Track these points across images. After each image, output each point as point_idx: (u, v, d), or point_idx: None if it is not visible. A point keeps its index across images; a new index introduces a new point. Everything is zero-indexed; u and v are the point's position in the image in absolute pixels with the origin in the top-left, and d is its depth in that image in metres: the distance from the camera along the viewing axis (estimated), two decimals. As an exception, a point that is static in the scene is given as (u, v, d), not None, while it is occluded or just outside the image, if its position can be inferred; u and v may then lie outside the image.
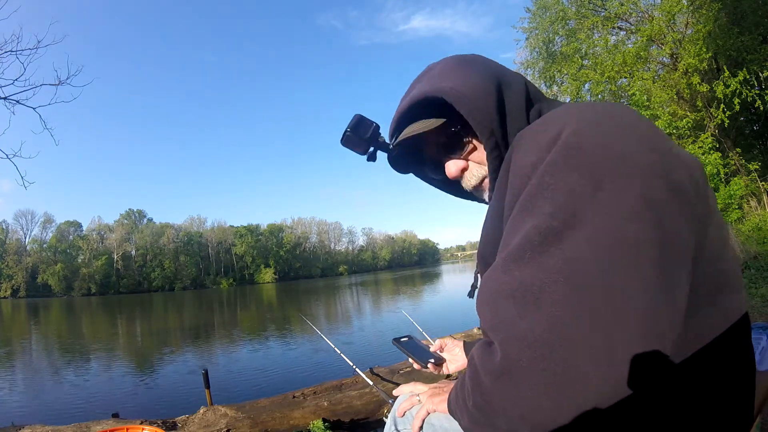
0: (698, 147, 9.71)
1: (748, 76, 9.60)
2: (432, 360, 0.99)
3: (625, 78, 10.86)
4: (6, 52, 6.59)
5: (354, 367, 3.23)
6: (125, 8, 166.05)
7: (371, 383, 2.95)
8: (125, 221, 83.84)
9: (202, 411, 3.40)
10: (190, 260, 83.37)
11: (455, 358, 1.03)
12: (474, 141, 0.72)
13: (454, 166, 0.74)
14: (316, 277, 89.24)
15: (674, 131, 9.42)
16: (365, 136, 0.79)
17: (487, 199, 0.75)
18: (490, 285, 0.52)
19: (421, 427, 0.78)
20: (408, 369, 4.12)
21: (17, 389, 7.59)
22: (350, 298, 27.87)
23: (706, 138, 9.99)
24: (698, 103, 11.09)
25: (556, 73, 13.08)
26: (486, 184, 0.74)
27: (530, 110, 0.69)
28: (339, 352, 3.44)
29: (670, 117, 10.27)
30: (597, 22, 11.93)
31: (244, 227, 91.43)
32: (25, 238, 77.81)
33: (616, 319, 0.42)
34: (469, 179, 0.75)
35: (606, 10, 12.10)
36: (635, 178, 0.45)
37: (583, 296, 0.43)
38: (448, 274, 49.18)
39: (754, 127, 13.41)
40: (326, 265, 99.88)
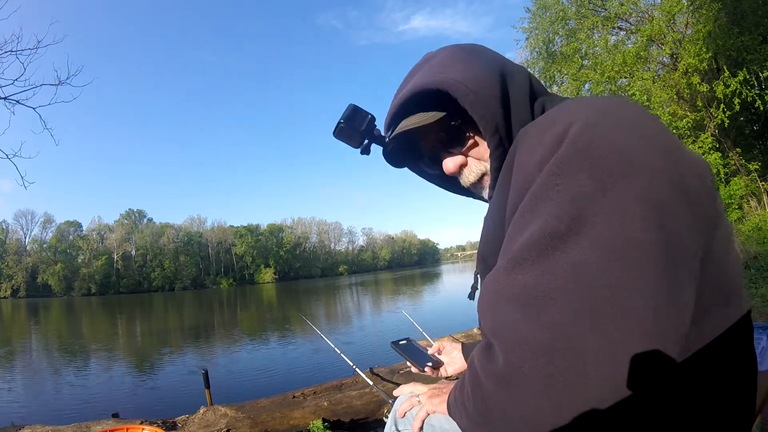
0: (698, 147, 9.71)
1: (748, 76, 9.59)
2: (429, 363, 0.99)
3: (625, 78, 10.85)
4: (6, 52, 6.60)
5: (354, 367, 3.23)
6: (125, 8, 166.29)
7: (371, 383, 2.95)
8: (125, 221, 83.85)
9: (202, 411, 3.40)
10: (190, 260, 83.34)
11: (453, 361, 1.03)
12: (475, 136, 0.69)
13: (452, 162, 0.71)
14: (316, 277, 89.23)
15: (674, 131, 9.42)
16: (360, 128, 0.74)
17: (486, 196, 0.73)
18: (492, 287, 0.50)
19: (421, 428, 0.78)
20: (408, 369, 4.10)
21: (17, 389, 7.60)
22: (350, 298, 27.86)
23: (706, 138, 9.99)
24: (698, 103, 11.08)
25: (556, 73, 13.07)
26: (486, 181, 0.71)
27: (534, 104, 0.66)
28: (339, 352, 3.44)
29: (670, 117, 10.28)
30: (597, 22, 11.93)
31: (244, 227, 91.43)
32: (25, 238, 77.96)
33: (620, 327, 0.41)
34: (468, 176, 0.72)
35: (606, 10, 12.09)
36: (644, 181, 0.44)
37: (588, 303, 0.42)
38: (448, 274, 49.17)
39: (754, 127, 13.39)
40: (326, 265, 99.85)
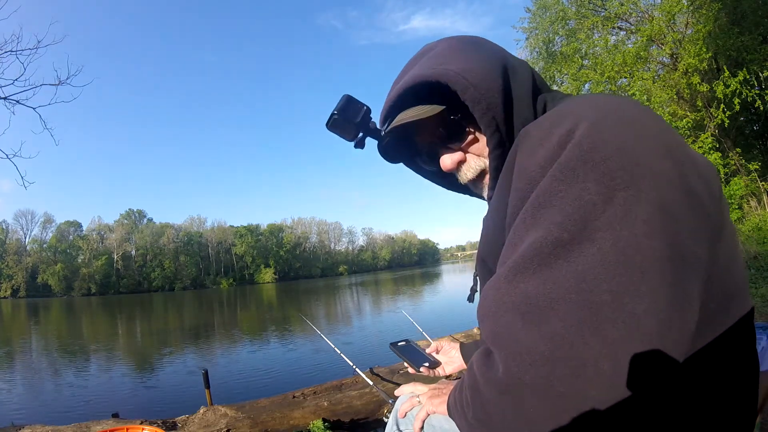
0: (698, 147, 9.70)
1: (748, 76, 9.59)
2: (426, 364, 0.99)
3: (625, 78, 10.85)
4: (6, 52, 6.60)
5: (354, 367, 3.23)
6: (125, 8, 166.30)
7: (371, 383, 2.95)
8: (125, 221, 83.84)
9: (202, 411, 3.40)
10: (190, 260, 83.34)
11: (452, 360, 1.03)
12: (475, 132, 0.66)
13: (450, 158, 0.68)
14: (316, 277, 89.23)
15: (674, 131, 9.41)
16: (355, 120, 0.70)
17: (485, 195, 0.71)
18: (492, 295, 0.49)
19: (421, 428, 0.78)
20: (407, 369, 4.11)
21: (17, 389, 7.59)
22: (350, 298, 27.85)
23: (706, 138, 9.99)
24: (698, 103, 11.08)
25: (556, 73, 13.06)
26: (485, 178, 0.68)
27: (536, 101, 0.64)
28: (339, 352, 3.44)
29: (670, 117, 10.28)
30: (597, 22, 11.92)
31: (244, 227, 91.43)
32: (25, 238, 77.96)
33: (624, 340, 0.40)
34: (466, 172, 0.69)
35: (606, 10, 12.09)
36: (651, 189, 0.43)
37: (592, 315, 0.41)
38: (448, 275, 49.14)
39: (754, 127, 13.39)
40: (326, 265, 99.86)
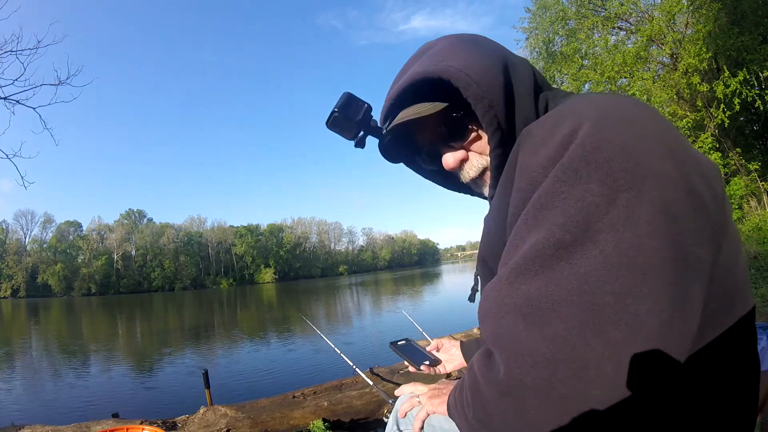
0: (698, 147, 9.72)
1: (748, 76, 9.60)
2: (426, 362, 0.99)
3: (625, 78, 10.86)
4: (6, 52, 6.60)
5: (354, 367, 3.23)
6: (125, 8, 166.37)
7: (371, 383, 2.95)
8: (125, 221, 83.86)
9: (202, 411, 3.40)
10: (190, 260, 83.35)
11: (452, 358, 1.03)
12: (478, 129, 0.65)
13: (452, 157, 0.67)
14: (316, 277, 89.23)
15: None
16: (356, 118, 0.69)
17: (486, 194, 0.70)
18: (494, 296, 0.49)
19: (421, 429, 0.78)
20: (407, 369, 4.10)
21: (17, 389, 7.59)
22: (350, 298, 27.85)
23: (706, 138, 10.01)
24: (698, 103, 11.09)
25: (556, 73, 13.08)
26: (487, 176, 0.67)
27: (537, 99, 0.63)
28: (339, 352, 3.44)
29: (670, 117, 10.30)
30: (597, 22, 11.94)
31: (244, 227, 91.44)
32: (25, 238, 77.96)
33: (626, 341, 0.40)
34: (468, 171, 0.68)
35: (606, 10, 12.10)
36: (654, 190, 0.42)
37: (594, 316, 0.41)
38: (448, 275, 49.15)
39: (754, 127, 13.41)
40: (326, 265, 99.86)
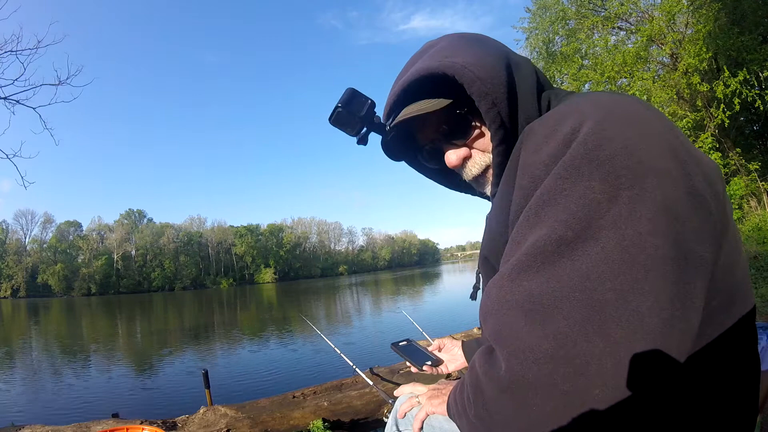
0: (698, 147, 9.69)
1: (748, 76, 9.60)
2: (429, 362, 0.99)
3: (625, 78, 10.85)
4: (6, 52, 6.60)
5: (354, 367, 3.23)
6: (124, 9, 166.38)
7: (371, 383, 2.95)
8: (125, 221, 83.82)
9: (202, 411, 3.40)
10: (190, 260, 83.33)
11: (454, 358, 1.03)
12: (481, 126, 0.65)
13: (455, 155, 0.67)
14: (316, 277, 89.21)
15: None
16: (359, 114, 0.69)
17: (488, 192, 0.70)
18: (495, 293, 0.49)
19: (421, 429, 0.78)
20: (408, 369, 4.11)
21: (17, 389, 7.59)
22: (350, 298, 27.85)
23: (706, 138, 10.00)
24: (698, 103, 11.09)
25: (556, 73, 13.06)
26: (489, 174, 0.68)
27: (540, 97, 0.64)
28: (339, 352, 3.44)
29: (670, 117, 10.26)
30: (597, 22, 11.93)
31: (244, 227, 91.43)
32: (25, 238, 77.94)
33: (627, 338, 0.40)
34: (471, 168, 0.68)
35: (606, 10, 12.09)
36: (655, 188, 0.43)
37: (595, 313, 0.41)
38: (448, 275, 49.17)
39: (754, 127, 13.42)
40: (326, 265, 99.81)
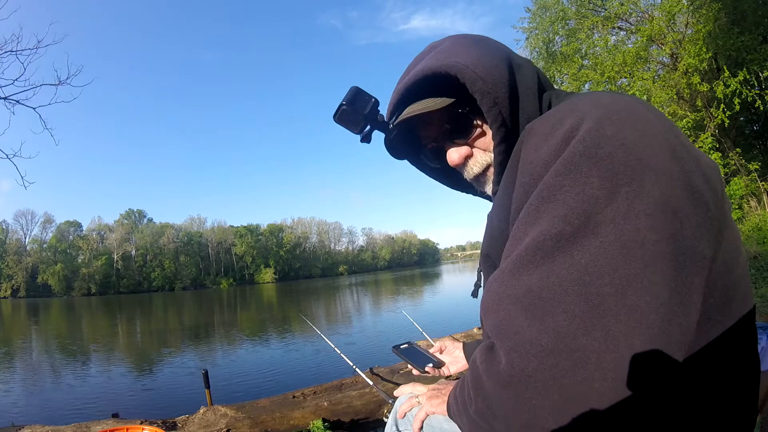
0: (698, 147, 9.68)
1: (748, 76, 9.61)
2: (430, 364, 0.99)
3: (625, 78, 10.86)
4: (6, 52, 6.62)
5: (354, 367, 3.22)
6: (124, 9, 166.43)
7: (371, 383, 2.95)
8: (125, 221, 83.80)
9: (202, 411, 3.40)
10: (190, 260, 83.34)
11: (456, 360, 1.03)
12: (482, 125, 0.67)
13: (457, 153, 0.68)
14: (316, 277, 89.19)
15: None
16: (363, 112, 0.70)
17: (488, 191, 0.72)
18: (496, 289, 0.50)
19: (420, 429, 0.78)
20: (408, 369, 4.11)
21: (17, 389, 7.59)
22: (350, 298, 27.85)
23: (706, 138, 10.01)
24: (698, 103, 11.09)
25: (556, 73, 13.08)
26: (489, 173, 0.69)
27: (541, 98, 0.65)
28: (339, 352, 3.44)
29: (670, 117, 10.25)
30: (597, 22, 11.93)
31: (244, 227, 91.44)
32: (25, 238, 77.91)
33: (626, 332, 0.40)
34: (472, 167, 0.69)
35: (606, 10, 12.11)
36: (654, 185, 0.43)
37: (594, 307, 0.41)
38: (448, 274, 49.16)
39: (754, 127, 13.43)
40: (326, 265, 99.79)
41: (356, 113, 0.70)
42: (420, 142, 0.75)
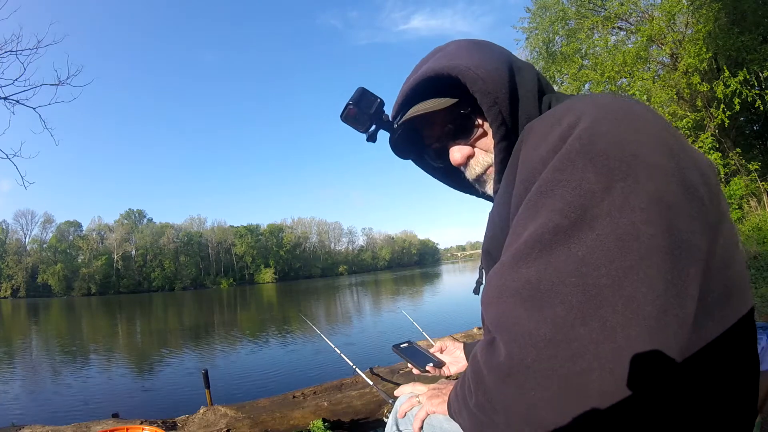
0: (698, 147, 9.71)
1: (748, 76, 9.60)
2: (431, 364, 0.99)
3: (625, 78, 10.86)
4: (6, 52, 6.61)
5: (354, 367, 3.22)
6: (124, 9, 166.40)
7: (371, 383, 2.95)
8: (125, 221, 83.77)
9: (202, 411, 3.40)
10: (190, 260, 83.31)
11: (456, 360, 1.03)
12: (483, 126, 0.69)
13: (459, 152, 0.70)
14: (316, 277, 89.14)
15: (674, 131, 9.44)
16: (369, 111, 0.73)
17: (488, 190, 0.73)
18: (495, 282, 0.51)
19: (421, 428, 0.78)
20: (408, 369, 4.11)
21: (17, 389, 7.59)
22: (350, 298, 27.85)
23: (706, 138, 10.00)
24: (698, 103, 11.08)
25: (556, 73, 13.08)
26: (490, 172, 0.71)
27: (541, 100, 0.67)
28: (339, 352, 3.44)
29: (670, 117, 10.28)
30: (597, 22, 11.93)
31: (244, 227, 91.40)
32: (25, 238, 77.88)
33: (623, 323, 0.41)
34: (474, 167, 0.71)
35: (606, 10, 12.10)
36: (649, 180, 0.44)
37: (591, 298, 0.42)
38: (448, 274, 49.16)
39: (754, 127, 13.43)
40: (326, 265, 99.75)
41: (362, 113, 0.73)
42: (424, 142, 0.77)
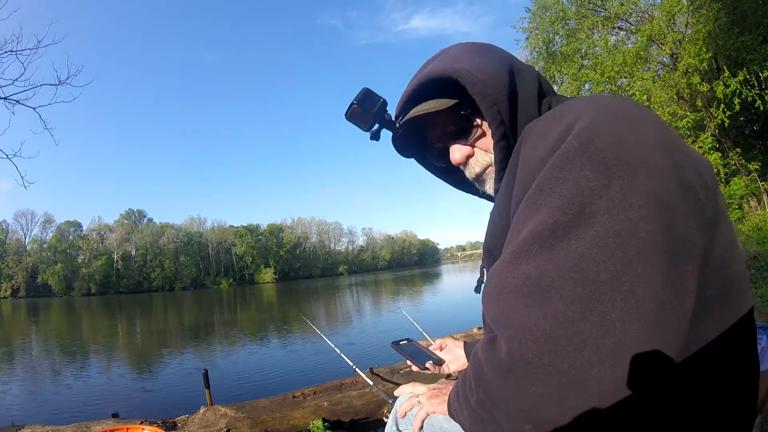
0: (698, 147, 9.70)
1: (748, 76, 9.59)
2: (430, 361, 0.99)
3: (625, 78, 10.85)
4: (6, 52, 6.60)
5: (354, 367, 3.23)
6: (124, 9, 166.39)
7: (371, 383, 2.95)
8: (125, 221, 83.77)
9: (202, 411, 3.40)
10: (190, 260, 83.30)
11: (456, 359, 1.03)
12: (483, 126, 0.70)
13: (460, 152, 0.72)
14: (316, 277, 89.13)
15: (674, 131, 9.43)
16: (372, 110, 0.75)
17: (488, 190, 0.74)
18: (496, 279, 0.51)
19: (421, 428, 0.78)
20: (408, 369, 4.11)
21: (17, 389, 7.59)
22: (350, 298, 27.85)
23: (706, 138, 9.99)
24: (698, 103, 11.08)
25: (556, 73, 13.06)
26: (490, 172, 0.72)
27: (542, 102, 0.68)
28: (339, 352, 3.44)
29: (670, 117, 10.27)
30: (597, 22, 11.92)
31: (244, 227, 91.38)
32: (25, 238, 77.86)
33: (623, 319, 0.41)
34: (473, 167, 0.73)
35: (606, 10, 12.09)
36: (647, 178, 0.45)
37: (591, 293, 0.42)
38: (448, 274, 49.16)
39: (754, 127, 13.42)
40: (326, 265, 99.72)
41: (366, 112, 0.75)
42: (426, 142, 0.79)
